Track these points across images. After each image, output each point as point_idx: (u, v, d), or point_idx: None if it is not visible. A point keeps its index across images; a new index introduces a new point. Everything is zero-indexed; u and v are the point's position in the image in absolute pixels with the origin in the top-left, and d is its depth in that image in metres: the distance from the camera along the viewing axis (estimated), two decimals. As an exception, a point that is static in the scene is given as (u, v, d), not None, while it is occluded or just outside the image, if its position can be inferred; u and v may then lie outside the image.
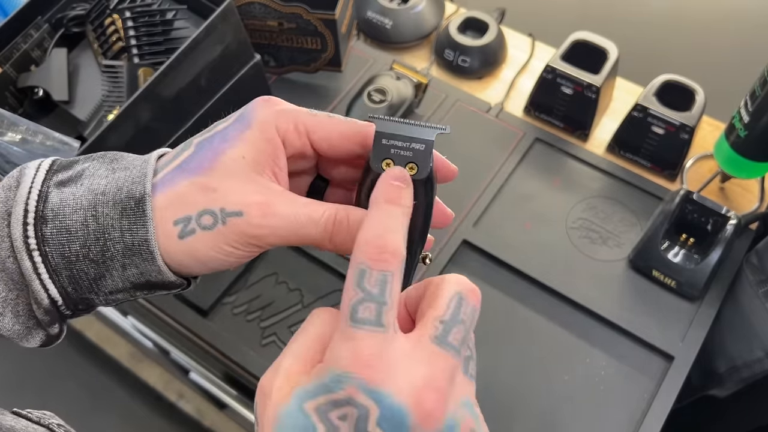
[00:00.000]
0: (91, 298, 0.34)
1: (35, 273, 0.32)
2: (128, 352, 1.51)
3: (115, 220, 0.32)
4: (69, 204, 0.33)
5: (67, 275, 0.33)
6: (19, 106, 0.71)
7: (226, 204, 0.32)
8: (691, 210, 0.69)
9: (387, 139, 0.35)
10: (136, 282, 0.34)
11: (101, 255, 0.33)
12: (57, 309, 0.34)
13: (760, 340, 0.68)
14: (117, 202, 0.33)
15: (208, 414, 1.42)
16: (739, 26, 1.04)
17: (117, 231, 0.32)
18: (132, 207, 0.32)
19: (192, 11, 0.73)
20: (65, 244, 0.32)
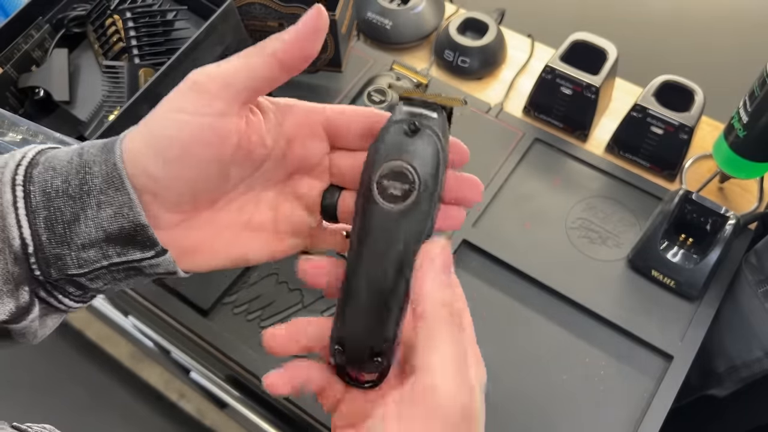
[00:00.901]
0: (63, 254, 0.33)
1: (13, 206, 0.32)
2: (129, 351, 1.51)
3: (96, 155, 0.33)
4: (63, 150, 0.34)
5: (43, 216, 0.33)
6: (19, 107, 0.71)
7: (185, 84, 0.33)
8: (691, 210, 0.70)
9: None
10: (108, 229, 0.33)
11: (79, 189, 0.33)
12: (27, 261, 0.33)
13: (759, 339, 0.69)
14: (101, 143, 0.34)
15: (208, 413, 1.43)
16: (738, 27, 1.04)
17: (97, 166, 0.33)
18: (111, 141, 0.34)
19: (192, 12, 0.74)
20: (48, 180, 0.33)
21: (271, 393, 0.36)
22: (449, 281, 0.33)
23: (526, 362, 0.67)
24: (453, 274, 0.33)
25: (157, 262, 0.34)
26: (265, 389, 0.36)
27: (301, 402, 0.65)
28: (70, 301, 0.36)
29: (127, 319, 1.15)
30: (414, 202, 0.34)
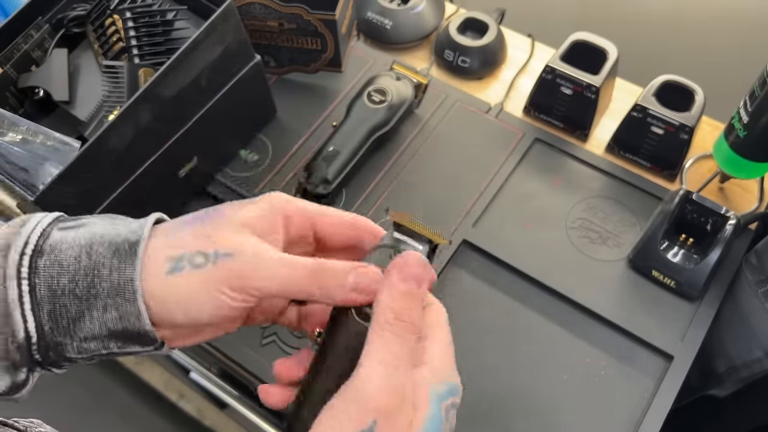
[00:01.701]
0: (65, 343, 0.34)
1: (19, 302, 0.33)
2: (128, 351, 1.51)
3: (107, 258, 0.33)
4: (67, 241, 0.34)
5: (48, 310, 0.33)
6: (19, 107, 0.71)
7: (219, 247, 0.33)
8: (691, 210, 0.70)
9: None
10: (113, 329, 0.34)
11: (87, 291, 0.33)
12: (29, 349, 0.34)
13: (759, 340, 0.68)
14: (112, 243, 0.34)
15: (208, 414, 1.42)
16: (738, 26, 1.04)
17: (107, 269, 0.33)
18: (126, 249, 0.34)
19: (192, 12, 0.74)
20: (55, 276, 0.33)
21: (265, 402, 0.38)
22: (408, 290, 0.32)
23: (527, 362, 0.67)
24: (422, 287, 0.33)
25: (153, 353, 0.36)
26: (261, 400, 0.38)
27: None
28: (60, 371, 0.37)
29: (127, 319, 1.14)
30: None
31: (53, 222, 0.35)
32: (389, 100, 0.78)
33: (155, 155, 0.68)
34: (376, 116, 0.78)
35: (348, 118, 0.79)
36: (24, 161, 0.64)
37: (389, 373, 0.31)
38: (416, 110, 0.83)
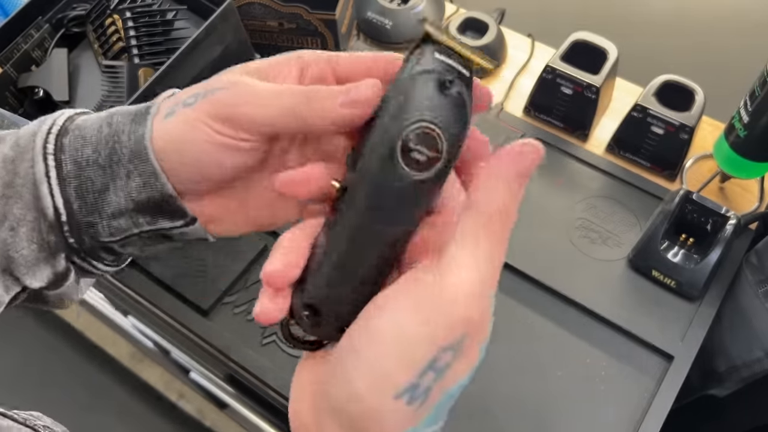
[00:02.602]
0: (95, 222, 0.33)
1: (46, 176, 0.33)
2: (129, 352, 1.51)
3: (126, 124, 0.33)
4: (91, 118, 0.34)
5: (75, 186, 0.33)
6: (19, 106, 0.71)
7: (211, 85, 0.32)
8: (691, 210, 0.70)
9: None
10: (137, 198, 0.33)
11: (108, 159, 0.33)
12: (61, 229, 0.33)
13: (760, 340, 0.68)
14: (131, 112, 0.34)
15: (208, 414, 1.42)
16: (738, 26, 1.04)
17: (125, 135, 0.33)
18: (141, 112, 0.33)
19: (192, 11, 0.74)
20: (79, 149, 0.33)
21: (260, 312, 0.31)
22: (518, 189, 0.27)
23: (527, 362, 0.67)
24: (523, 188, 0.27)
25: (186, 231, 0.34)
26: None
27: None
28: (103, 266, 0.36)
29: (127, 319, 1.15)
30: (436, 175, 0.28)
31: (81, 111, 0.35)
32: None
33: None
34: None
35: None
36: (24, 161, 0.64)
37: (490, 277, 0.27)
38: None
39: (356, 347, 0.26)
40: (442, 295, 0.26)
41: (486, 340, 0.28)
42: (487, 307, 0.28)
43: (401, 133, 0.27)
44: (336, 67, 0.33)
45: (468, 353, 0.27)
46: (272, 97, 0.30)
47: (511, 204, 0.27)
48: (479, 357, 0.28)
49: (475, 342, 0.28)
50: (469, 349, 0.27)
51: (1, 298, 0.34)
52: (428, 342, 0.26)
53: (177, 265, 0.72)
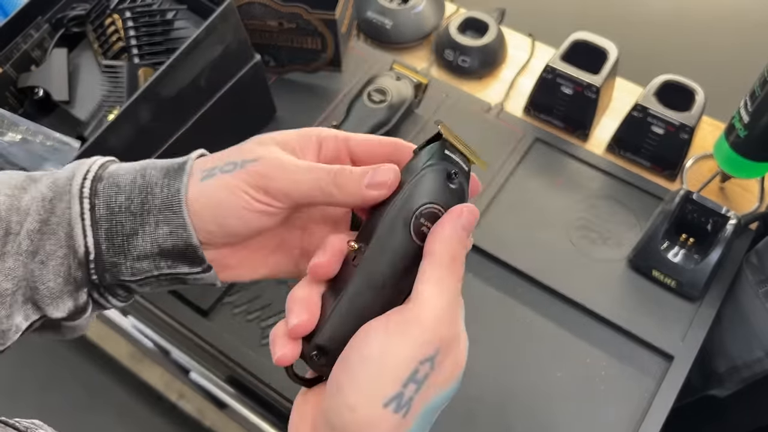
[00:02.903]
0: (119, 263, 0.37)
1: (80, 217, 0.36)
2: (128, 352, 1.51)
3: (159, 178, 0.37)
4: (124, 167, 0.38)
5: (105, 229, 0.37)
6: (19, 106, 0.71)
7: (247, 155, 0.37)
8: (691, 210, 0.70)
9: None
10: (162, 245, 0.37)
11: (140, 207, 0.37)
12: (87, 266, 0.37)
13: (760, 340, 0.68)
14: (164, 167, 0.38)
15: (208, 414, 1.42)
16: (738, 26, 1.04)
17: (158, 188, 0.37)
18: (174, 168, 0.37)
19: (192, 11, 0.74)
20: (113, 196, 0.37)
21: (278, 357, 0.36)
22: (463, 238, 0.35)
23: (526, 362, 0.67)
24: (470, 238, 0.36)
25: (201, 277, 0.38)
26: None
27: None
28: (116, 301, 0.40)
29: (126, 319, 1.15)
30: None
31: (111, 160, 0.39)
32: (389, 100, 0.78)
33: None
34: (376, 116, 0.78)
35: (348, 117, 0.78)
36: (24, 161, 0.64)
37: (450, 305, 0.33)
38: (416, 110, 0.83)
39: (349, 368, 0.32)
40: (418, 320, 0.32)
41: (461, 357, 0.34)
42: (454, 326, 0.33)
43: (414, 212, 0.35)
44: (349, 144, 0.39)
45: (442, 366, 0.32)
46: (304, 173, 0.36)
47: (459, 250, 0.34)
48: (456, 377, 0.34)
49: (449, 356, 0.33)
50: (443, 363, 0.32)
51: (19, 325, 0.37)
52: (409, 358, 0.31)
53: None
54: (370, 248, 0.35)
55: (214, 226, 0.37)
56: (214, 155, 0.38)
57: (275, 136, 0.38)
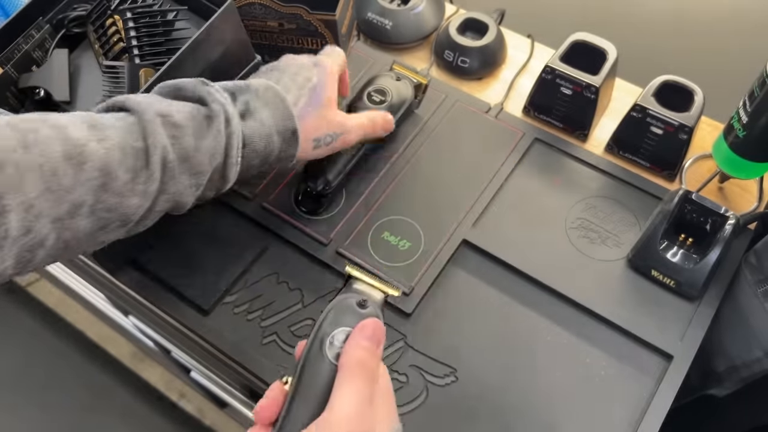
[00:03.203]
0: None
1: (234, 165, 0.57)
2: (129, 351, 1.52)
3: (280, 144, 0.60)
4: (256, 133, 0.57)
5: (242, 168, 0.58)
6: (20, 107, 0.71)
7: (336, 129, 0.65)
8: (690, 210, 0.70)
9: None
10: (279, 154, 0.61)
11: (266, 159, 0.59)
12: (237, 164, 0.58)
13: (759, 340, 0.69)
14: (280, 132, 0.59)
15: (208, 413, 1.43)
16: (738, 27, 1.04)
17: (279, 152, 0.60)
18: (289, 136, 0.60)
19: (193, 12, 0.74)
20: (251, 158, 0.58)
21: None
22: (370, 347, 0.42)
23: (526, 362, 0.67)
24: (379, 348, 0.43)
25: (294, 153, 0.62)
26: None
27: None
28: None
29: (127, 319, 1.15)
30: None
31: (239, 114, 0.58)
32: (389, 101, 0.78)
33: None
34: None
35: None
36: (25, 161, 0.64)
37: (358, 405, 0.40)
38: (416, 110, 0.83)
39: None
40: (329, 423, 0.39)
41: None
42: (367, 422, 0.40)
43: (328, 337, 0.43)
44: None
45: None
46: (358, 130, 0.69)
47: (366, 358, 0.42)
48: None
49: None
50: None
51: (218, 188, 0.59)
52: None
53: (177, 264, 0.72)
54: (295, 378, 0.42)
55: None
56: (309, 120, 0.62)
57: (331, 97, 0.64)
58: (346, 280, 0.47)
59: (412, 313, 0.69)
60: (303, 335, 0.69)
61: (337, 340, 0.42)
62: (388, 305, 0.69)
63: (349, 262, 0.48)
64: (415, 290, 0.70)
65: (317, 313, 0.69)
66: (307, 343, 0.43)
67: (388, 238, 0.73)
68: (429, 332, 0.69)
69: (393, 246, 0.73)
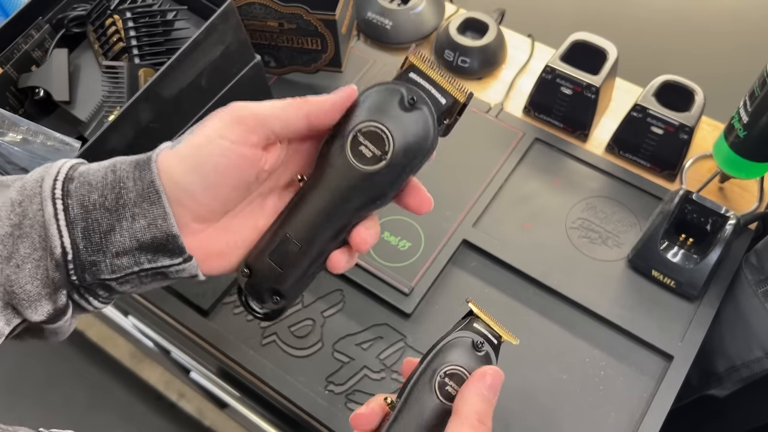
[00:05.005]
0: (98, 261, 0.37)
1: (55, 218, 0.36)
2: (129, 351, 1.51)
3: (129, 172, 0.37)
4: (93, 167, 0.38)
5: (82, 228, 0.37)
6: (19, 107, 0.71)
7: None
8: (691, 210, 0.70)
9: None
10: (141, 239, 0.37)
11: (115, 202, 0.37)
12: (66, 267, 0.36)
13: (759, 339, 0.68)
14: (132, 161, 0.38)
15: (208, 413, 1.43)
16: (738, 27, 1.04)
17: (131, 181, 0.37)
18: (144, 160, 0.38)
19: (192, 12, 0.74)
20: (86, 195, 0.37)
21: None
22: (489, 398, 0.38)
23: (526, 362, 0.67)
24: (496, 398, 0.39)
25: (183, 268, 0.38)
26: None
27: (300, 402, 0.65)
28: (97, 303, 0.39)
29: (127, 319, 1.15)
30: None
31: (80, 162, 0.39)
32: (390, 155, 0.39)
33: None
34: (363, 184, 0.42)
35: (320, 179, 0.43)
36: (24, 161, 0.64)
37: None
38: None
39: None
40: None
41: None
42: None
43: (438, 371, 0.40)
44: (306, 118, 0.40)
45: None
46: (274, 102, 0.38)
47: (485, 411, 0.38)
48: None
49: None
50: None
51: (2, 330, 0.37)
52: None
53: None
54: (400, 402, 0.39)
55: (198, 183, 0.37)
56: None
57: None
58: (466, 315, 0.42)
59: (412, 313, 0.69)
60: (303, 335, 0.69)
61: (448, 378, 0.39)
62: (389, 306, 0.69)
63: (472, 300, 0.41)
64: (415, 290, 0.70)
65: (317, 313, 0.69)
66: (418, 371, 0.40)
67: (388, 238, 0.73)
68: (429, 332, 0.69)
69: (393, 246, 0.73)
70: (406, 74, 0.35)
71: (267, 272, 0.38)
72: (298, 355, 0.68)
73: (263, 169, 0.39)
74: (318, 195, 0.36)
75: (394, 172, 0.35)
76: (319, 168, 0.37)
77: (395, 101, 0.34)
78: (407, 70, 0.35)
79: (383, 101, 0.34)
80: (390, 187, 0.36)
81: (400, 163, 0.35)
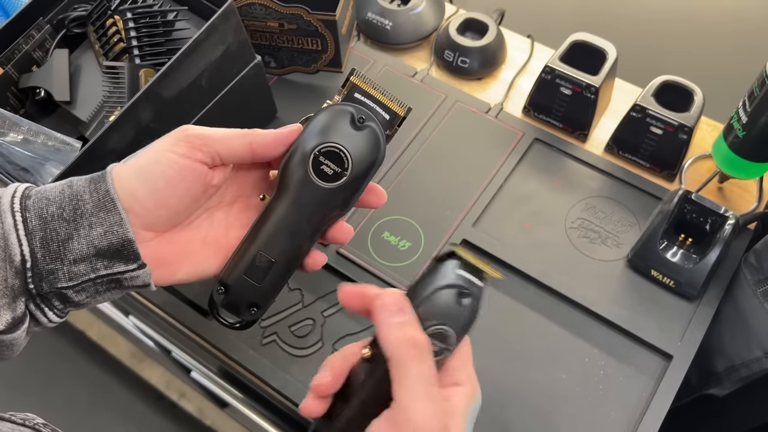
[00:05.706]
0: (56, 269, 0.38)
1: (14, 228, 0.38)
2: (130, 351, 1.52)
3: (85, 186, 0.40)
4: (49, 185, 0.41)
5: (40, 237, 0.38)
6: (20, 107, 0.71)
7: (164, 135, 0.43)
8: (690, 210, 0.70)
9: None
10: (98, 245, 0.39)
11: (73, 213, 0.39)
12: (24, 274, 0.38)
13: (758, 339, 0.69)
14: (87, 177, 0.41)
15: (209, 413, 1.43)
16: (738, 27, 1.04)
17: (87, 194, 0.39)
18: (99, 175, 0.41)
19: (193, 12, 0.74)
20: (44, 207, 0.39)
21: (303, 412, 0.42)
22: (404, 320, 0.36)
23: (526, 362, 0.67)
24: (410, 312, 0.36)
25: (137, 275, 0.40)
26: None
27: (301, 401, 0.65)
28: (52, 314, 0.40)
29: (128, 319, 1.15)
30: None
31: (31, 186, 0.42)
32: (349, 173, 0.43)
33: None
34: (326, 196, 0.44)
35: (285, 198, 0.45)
36: (25, 161, 0.64)
37: (428, 399, 0.35)
38: (415, 110, 0.83)
39: None
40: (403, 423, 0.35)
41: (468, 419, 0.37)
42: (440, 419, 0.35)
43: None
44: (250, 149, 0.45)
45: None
46: (219, 129, 0.44)
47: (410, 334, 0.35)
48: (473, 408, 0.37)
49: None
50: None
51: None
52: None
53: (178, 264, 0.72)
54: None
55: (148, 192, 0.40)
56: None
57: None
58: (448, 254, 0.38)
59: (412, 313, 0.69)
60: (303, 335, 0.69)
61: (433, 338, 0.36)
62: None
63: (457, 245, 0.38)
64: (415, 290, 0.70)
65: (317, 313, 0.70)
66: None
67: (388, 238, 0.74)
68: (429, 332, 0.69)
69: (393, 246, 0.73)
70: (351, 94, 0.40)
71: (245, 288, 0.42)
72: (298, 355, 0.68)
73: (211, 183, 0.43)
74: (286, 212, 0.40)
75: (355, 185, 0.40)
76: (283, 187, 0.40)
77: (346, 121, 0.38)
78: (351, 90, 0.40)
79: (336, 122, 0.39)
80: (352, 196, 0.41)
81: (359, 176, 0.40)
